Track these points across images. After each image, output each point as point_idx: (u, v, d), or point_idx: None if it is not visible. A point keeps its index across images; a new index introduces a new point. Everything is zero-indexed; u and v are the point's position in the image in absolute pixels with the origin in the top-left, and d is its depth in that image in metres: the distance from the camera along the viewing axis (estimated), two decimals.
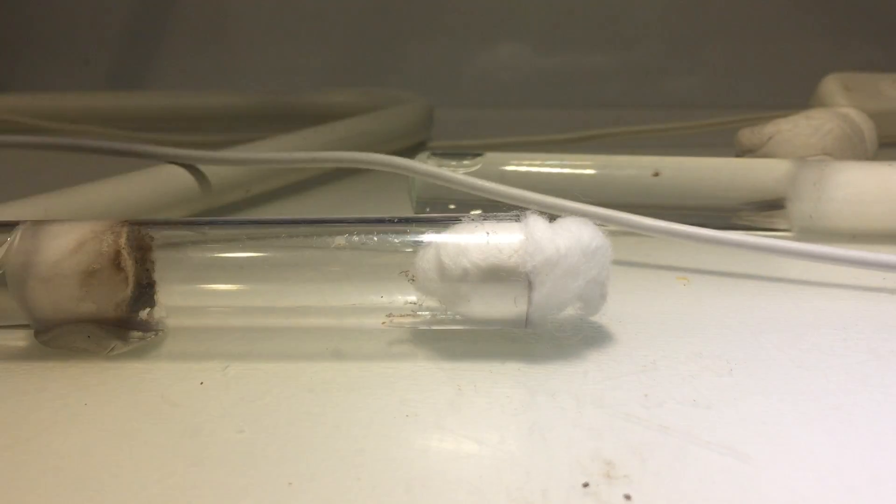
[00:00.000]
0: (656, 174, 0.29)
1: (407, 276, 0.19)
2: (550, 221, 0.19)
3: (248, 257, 0.19)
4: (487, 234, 0.18)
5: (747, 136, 0.34)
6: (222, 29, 0.70)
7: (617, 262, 0.19)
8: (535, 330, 0.20)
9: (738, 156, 0.34)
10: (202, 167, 0.31)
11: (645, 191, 0.29)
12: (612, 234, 0.19)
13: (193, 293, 0.19)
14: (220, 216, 0.33)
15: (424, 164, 0.28)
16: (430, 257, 0.18)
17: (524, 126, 0.54)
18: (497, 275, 0.18)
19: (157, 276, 0.19)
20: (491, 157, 0.30)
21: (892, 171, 0.27)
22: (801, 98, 0.48)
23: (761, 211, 0.28)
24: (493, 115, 0.61)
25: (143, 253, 0.19)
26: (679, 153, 0.30)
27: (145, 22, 0.70)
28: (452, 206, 0.29)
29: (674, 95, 0.63)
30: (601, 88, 0.64)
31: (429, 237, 0.19)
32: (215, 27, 0.70)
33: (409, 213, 0.30)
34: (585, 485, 0.14)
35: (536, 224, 0.18)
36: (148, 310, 0.19)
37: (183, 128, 0.51)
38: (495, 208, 0.25)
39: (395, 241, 0.19)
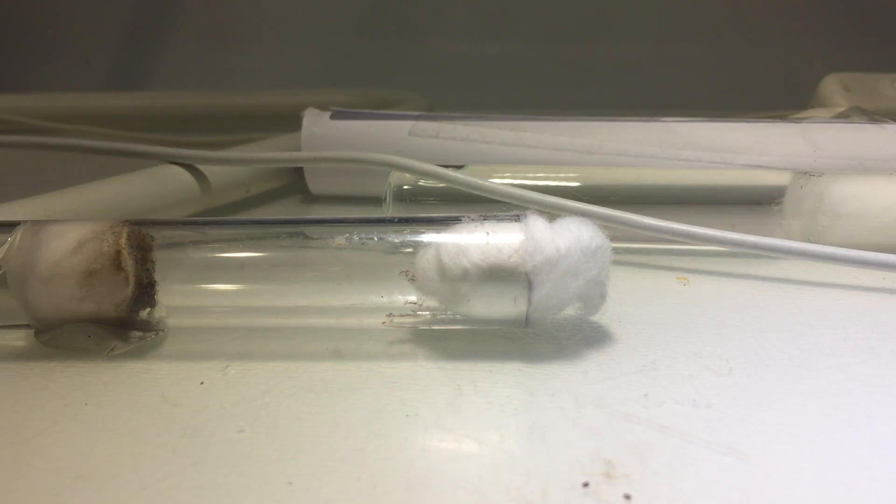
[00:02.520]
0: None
1: (407, 276, 0.19)
2: (550, 221, 0.19)
3: (248, 257, 0.19)
4: (487, 233, 0.18)
5: None
6: (222, 29, 0.70)
7: (617, 263, 0.19)
8: (535, 329, 0.20)
9: None
10: (202, 167, 0.31)
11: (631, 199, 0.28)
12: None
13: (194, 293, 0.19)
14: (220, 216, 0.33)
15: (423, 164, 0.28)
16: (430, 257, 0.18)
17: None
18: (497, 274, 0.18)
19: (157, 275, 0.19)
20: (474, 169, 0.29)
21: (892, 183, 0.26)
22: (802, 98, 0.48)
23: (759, 222, 0.27)
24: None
25: (143, 253, 0.19)
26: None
27: (146, 22, 0.70)
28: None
29: (673, 95, 0.63)
30: (601, 89, 0.64)
31: (429, 237, 0.19)
32: (216, 27, 0.70)
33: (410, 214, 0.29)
34: (585, 484, 0.14)
35: (536, 224, 0.18)
36: (148, 310, 0.19)
37: (183, 128, 0.51)
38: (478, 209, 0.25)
39: (395, 241, 0.19)
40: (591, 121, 0.33)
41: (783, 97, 0.54)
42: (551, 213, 0.20)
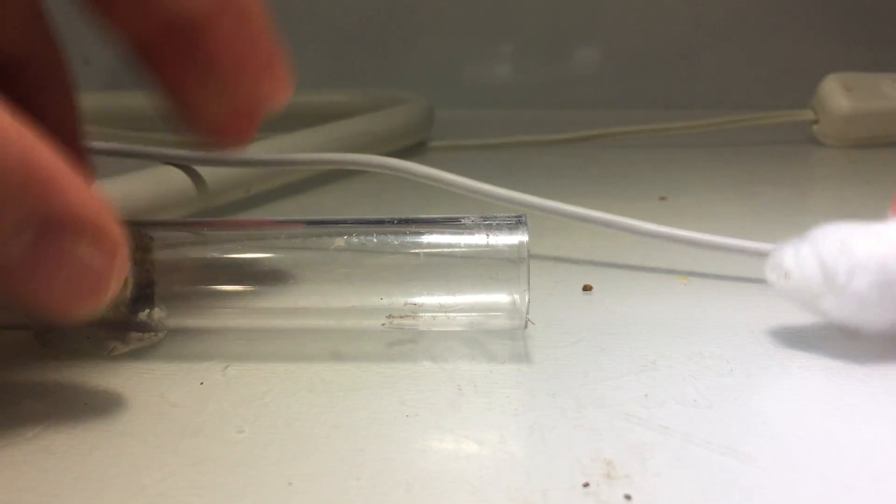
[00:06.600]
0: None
1: (776, 273, 0.17)
2: None
3: (247, 258, 0.19)
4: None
5: None
6: None
7: (617, 264, 0.19)
8: (532, 329, 0.20)
9: None
10: (201, 168, 0.31)
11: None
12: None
13: (193, 294, 0.19)
14: (219, 216, 0.33)
15: (424, 167, 0.28)
16: (807, 254, 0.17)
17: (524, 126, 0.54)
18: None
19: (156, 276, 0.19)
20: None
21: None
22: (802, 98, 0.48)
23: None
24: (493, 115, 0.61)
25: (142, 254, 0.19)
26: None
27: None
28: None
29: (671, 95, 0.63)
30: (602, 88, 0.64)
31: (430, 238, 0.19)
32: None
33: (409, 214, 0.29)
34: (586, 485, 0.14)
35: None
36: (147, 311, 0.19)
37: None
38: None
39: (395, 242, 0.19)
40: None
41: (783, 97, 0.54)
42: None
